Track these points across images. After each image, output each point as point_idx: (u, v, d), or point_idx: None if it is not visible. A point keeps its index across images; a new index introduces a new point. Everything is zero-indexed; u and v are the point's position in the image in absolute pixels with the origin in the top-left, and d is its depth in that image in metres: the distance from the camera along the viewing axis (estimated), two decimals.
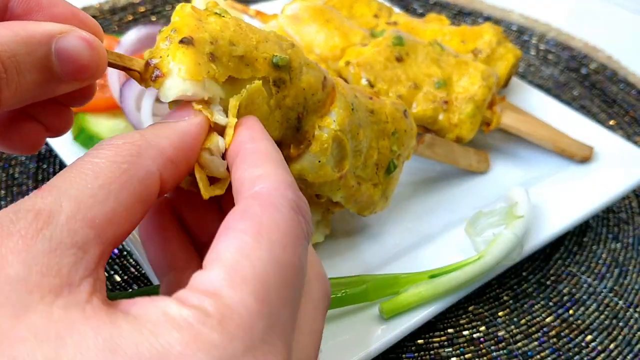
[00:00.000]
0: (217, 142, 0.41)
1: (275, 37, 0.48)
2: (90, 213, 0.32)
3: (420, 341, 0.65)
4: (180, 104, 0.42)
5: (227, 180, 0.42)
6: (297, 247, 0.35)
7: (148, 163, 0.36)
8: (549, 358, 0.64)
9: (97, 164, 0.34)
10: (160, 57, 0.41)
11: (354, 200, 0.60)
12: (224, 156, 0.42)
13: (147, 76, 0.42)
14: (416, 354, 0.63)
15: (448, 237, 0.69)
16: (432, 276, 0.61)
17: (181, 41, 0.41)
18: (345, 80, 0.77)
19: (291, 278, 0.33)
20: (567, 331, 0.67)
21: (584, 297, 0.71)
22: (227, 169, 0.42)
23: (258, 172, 0.37)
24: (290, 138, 0.51)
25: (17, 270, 0.29)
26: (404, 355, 0.63)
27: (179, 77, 0.40)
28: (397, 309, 0.59)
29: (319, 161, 0.52)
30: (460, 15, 1.30)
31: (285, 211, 0.35)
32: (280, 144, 0.51)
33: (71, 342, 0.28)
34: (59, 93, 0.42)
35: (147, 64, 0.42)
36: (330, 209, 0.64)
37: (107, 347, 0.28)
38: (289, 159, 0.52)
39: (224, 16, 0.45)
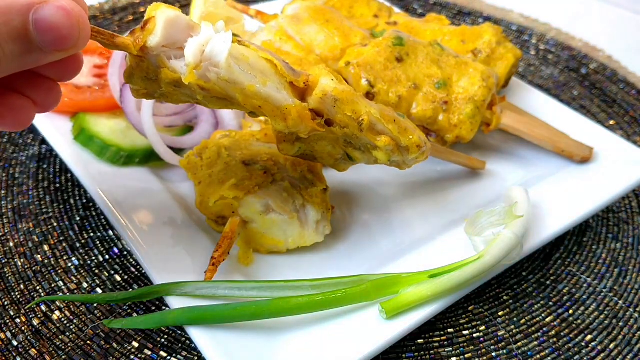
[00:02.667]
0: None
1: None
2: None
3: (420, 341, 0.65)
4: None
5: None
6: None
7: None
8: (548, 358, 0.64)
9: None
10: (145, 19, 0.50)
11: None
12: None
13: (137, 33, 0.49)
14: (416, 354, 0.64)
15: (448, 237, 0.69)
16: (432, 276, 0.61)
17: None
18: (346, 81, 0.77)
19: None
20: (567, 331, 0.67)
21: (584, 297, 0.71)
22: None
23: None
24: None
25: None
26: (404, 355, 0.63)
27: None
28: (398, 309, 0.59)
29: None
30: (460, 15, 1.30)
31: None
32: None
33: None
34: (43, 63, 0.42)
35: (138, 27, 0.49)
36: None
37: None
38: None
39: None
